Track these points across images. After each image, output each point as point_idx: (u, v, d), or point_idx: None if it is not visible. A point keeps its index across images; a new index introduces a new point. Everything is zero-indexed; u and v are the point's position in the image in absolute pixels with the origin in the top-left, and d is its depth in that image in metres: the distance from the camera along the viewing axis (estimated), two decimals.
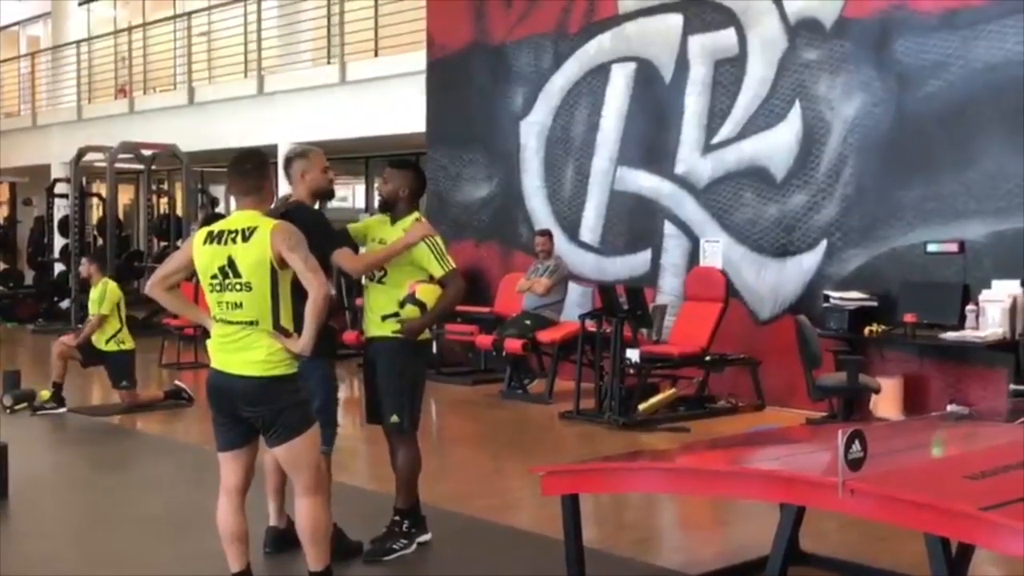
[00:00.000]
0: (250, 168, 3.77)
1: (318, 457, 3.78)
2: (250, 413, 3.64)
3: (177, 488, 5.90)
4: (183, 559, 4.54)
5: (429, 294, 4.33)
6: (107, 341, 8.06)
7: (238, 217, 3.70)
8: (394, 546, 4.44)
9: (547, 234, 9.34)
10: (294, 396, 3.68)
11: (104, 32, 17.65)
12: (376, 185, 4.56)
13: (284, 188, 4.74)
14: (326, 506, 3.79)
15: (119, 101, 16.45)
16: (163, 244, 14.73)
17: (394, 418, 4.40)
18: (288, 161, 4.39)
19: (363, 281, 4.55)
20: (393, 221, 4.51)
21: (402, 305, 4.33)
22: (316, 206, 4.45)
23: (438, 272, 4.41)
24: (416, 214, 4.54)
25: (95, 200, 16.14)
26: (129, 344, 8.14)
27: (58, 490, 5.91)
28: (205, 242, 3.68)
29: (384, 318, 4.40)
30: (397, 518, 4.50)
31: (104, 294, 8.02)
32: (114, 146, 13.35)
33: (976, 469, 3.15)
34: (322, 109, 12.78)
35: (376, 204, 4.59)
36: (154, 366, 10.52)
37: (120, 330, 8.10)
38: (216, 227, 3.72)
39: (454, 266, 4.48)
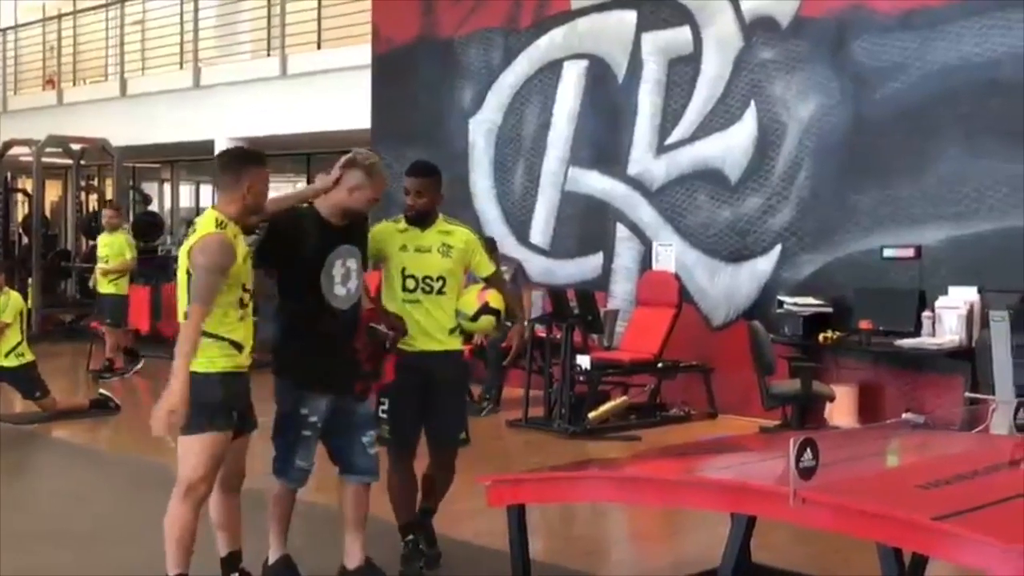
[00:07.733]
0: (225, 162, 3.65)
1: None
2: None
3: (104, 501, 5.69)
4: None
5: (498, 300, 4.30)
6: (7, 355, 7.71)
7: (205, 214, 3.59)
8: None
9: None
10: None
11: (32, 20, 17.20)
12: (408, 200, 4.28)
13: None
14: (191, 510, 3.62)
15: (47, 92, 16.19)
16: (92, 243, 14.28)
17: (463, 435, 4.46)
18: None
19: (410, 296, 4.23)
20: (423, 228, 4.30)
21: (475, 318, 4.25)
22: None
23: (488, 270, 4.41)
24: (442, 216, 4.38)
25: (20, 196, 15.72)
26: (30, 356, 7.82)
27: None
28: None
29: (451, 331, 4.31)
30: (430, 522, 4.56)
31: (7, 303, 7.71)
32: (41, 140, 12.96)
33: (930, 478, 3.12)
34: (262, 103, 12.59)
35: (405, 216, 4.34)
36: (82, 372, 10.19)
37: (20, 343, 7.77)
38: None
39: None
